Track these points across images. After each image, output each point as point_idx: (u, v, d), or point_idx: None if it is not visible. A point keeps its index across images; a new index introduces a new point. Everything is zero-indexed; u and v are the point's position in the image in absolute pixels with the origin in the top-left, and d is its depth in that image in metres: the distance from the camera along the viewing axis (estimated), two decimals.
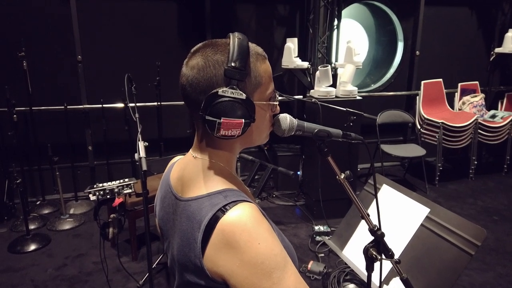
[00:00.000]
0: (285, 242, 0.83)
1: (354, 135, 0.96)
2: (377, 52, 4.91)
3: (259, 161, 2.45)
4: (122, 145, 3.84)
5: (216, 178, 0.82)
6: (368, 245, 1.02)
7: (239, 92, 0.76)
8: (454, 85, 4.70)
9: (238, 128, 0.77)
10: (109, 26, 3.76)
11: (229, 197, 0.76)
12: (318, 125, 0.92)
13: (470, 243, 1.14)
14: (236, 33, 0.80)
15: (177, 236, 0.82)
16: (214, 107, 0.74)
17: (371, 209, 1.00)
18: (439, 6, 4.58)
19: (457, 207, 3.83)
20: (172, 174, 0.92)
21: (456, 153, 4.83)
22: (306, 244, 3.16)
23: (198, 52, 0.80)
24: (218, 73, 0.76)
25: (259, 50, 0.83)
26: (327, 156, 0.93)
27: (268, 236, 0.71)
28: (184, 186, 0.85)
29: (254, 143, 0.88)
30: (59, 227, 3.38)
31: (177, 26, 3.95)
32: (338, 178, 0.97)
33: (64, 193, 3.58)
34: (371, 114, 3.36)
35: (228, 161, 0.86)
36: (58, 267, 2.85)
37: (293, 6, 4.19)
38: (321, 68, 3.28)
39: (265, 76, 0.83)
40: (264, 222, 0.73)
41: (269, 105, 0.85)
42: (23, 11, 3.51)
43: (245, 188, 0.88)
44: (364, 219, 1.00)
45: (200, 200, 0.78)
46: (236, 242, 0.69)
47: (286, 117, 0.88)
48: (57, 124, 3.73)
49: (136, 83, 2.41)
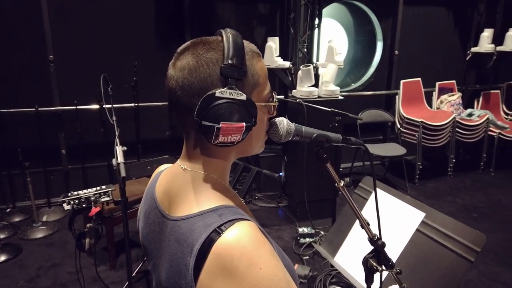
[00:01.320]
0: (286, 261, 0.76)
1: (354, 140, 0.90)
2: (356, 51, 4.92)
3: (242, 164, 2.38)
4: (98, 148, 3.68)
5: (208, 193, 0.73)
6: (367, 256, 0.97)
7: (239, 93, 0.68)
8: (432, 84, 4.76)
9: (238, 133, 0.69)
10: (82, 24, 3.59)
11: (225, 215, 0.67)
12: (317, 129, 0.85)
13: (470, 249, 1.10)
14: (228, 29, 0.72)
15: (165, 260, 0.73)
16: (211, 110, 0.66)
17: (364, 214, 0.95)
18: (417, 6, 4.62)
19: (437, 205, 3.87)
20: (158, 186, 0.82)
21: (434, 151, 4.89)
22: (290, 246, 3.11)
23: (187, 51, 0.71)
24: (213, 73, 0.68)
25: (253, 47, 0.75)
26: (327, 162, 0.87)
27: (270, 258, 0.63)
28: (172, 202, 0.76)
29: (252, 152, 0.80)
30: (31, 236, 3.21)
31: (155, 24, 3.82)
32: (337, 186, 0.90)
33: (36, 199, 3.40)
34: (352, 114, 3.34)
35: (222, 172, 0.77)
36: (31, 278, 2.69)
37: (274, 5, 4.13)
38: (303, 67, 3.23)
39: (262, 75, 0.75)
40: (266, 243, 0.65)
41: (267, 107, 0.77)
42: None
43: (240, 201, 0.79)
44: (364, 228, 0.94)
45: (192, 220, 0.69)
46: (235, 268, 0.61)
47: (283, 121, 0.81)
48: (28, 127, 3.54)
49: (112, 84, 2.30)
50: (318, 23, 3.73)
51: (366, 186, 1.47)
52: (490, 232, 3.35)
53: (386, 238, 1.34)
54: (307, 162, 2.98)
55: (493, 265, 2.89)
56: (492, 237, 3.28)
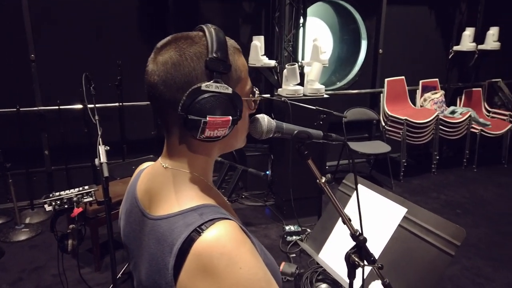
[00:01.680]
0: (269, 259, 0.75)
1: (335, 136, 0.91)
2: (341, 50, 4.96)
3: (228, 162, 2.37)
4: (82, 148, 3.63)
5: (190, 192, 0.72)
6: (349, 251, 0.97)
7: (225, 86, 0.67)
8: (416, 82, 4.82)
9: (224, 127, 0.68)
10: (64, 22, 3.53)
11: (206, 214, 0.66)
12: (298, 126, 0.86)
13: (450, 243, 1.12)
14: (209, 24, 0.72)
15: (145, 260, 0.72)
16: (197, 104, 0.65)
17: (347, 211, 0.96)
18: (400, 5, 4.68)
19: (422, 202, 3.93)
20: (139, 185, 0.81)
21: (419, 148, 4.96)
22: (277, 245, 3.12)
23: (169, 46, 0.70)
24: (197, 67, 0.67)
25: (234, 43, 0.75)
26: (308, 159, 0.87)
27: (250, 258, 0.63)
28: (152, 201, 0.75)
29: (235, 146, 0.79)
30: (14, 238, 3.15)
31: (138, 23, 3.78)
32: (319, 182, 0.91)
33: (19, 201, 3.34)
34: (337, 112, 3.36)
35: (205, 169, 0.76)
36: (13, 281, 2.64)
37: (259, 4, 4.13)
38: (288, 66, 3.24)
39: (244, 70, 0.75)
40: (247, 242, 0.65)
41: (248, 102, 0.77)
42: None
43: (223, 200, 0.79)
44: (346, 224, 0.95)
45: (172, 219, 0.68)
46: (214, 268, 0.60)
47: (264, 117, 0.81)
48: (10, 128, 3.46)
49: (96, 83, 2.26)
50: (303, 22, 3.74)
51: (349, 183, 1.49)
52: (473, 227, 3.42)
53: (369, 234, 1.36)
54: (293, 161, 2.99)
55: (475, 260, 2.94)
56: (475, 232, 3.35)
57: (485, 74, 5.16)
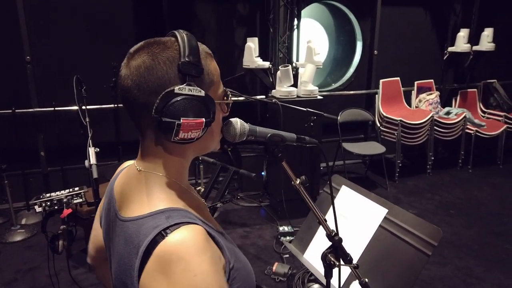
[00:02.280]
0: (241, 262, 0.77)
1: (308, 139, 0.93)
2: (337, 51, 4.98)
3: (220, 164, 2.40)
4: (77, 149, 3.64)
5: (160, 194, 0.73)
6: (326, 251, 0.99)
7: (197, 89, 0.69)
8: (411, 83, 4.84)
9: (198, 129, 0.70)
10: (60, 24, 3.56)
11: (172, 218, 0.68)
12: (272, 129, 0.88)
13: (427, 243, 1.14)
14: (180, 30, 0.74)
15: (115, 260, 0.74)
16: (170, 107, 0.67)
17: (331, 211, 0.98)
18: (395, 6, 4.70)
19: (417, 202, 3.95)
20: (116, 185, 0.83)
21: (414, 149, 4.98)
22: (271, 245, 3.14)
23: (141, 51, 0.72)
24: (170, 70, 0.69)
25: (206, 48, 0.77)
26: (282, 161, 0.89)
27: (208, 268, 0.63)
28: (124, 203, 0.77)
29: (209, 148, 0.81)
30: (9, 239, 3.17)
31: (133, 25, 3.81)
32: (294, 184, 0.93)
33: (15, 202, 3.37)
34: (332, 113, 3.38)
35: (179, 172, 0.78)
36: (8, 282, 2.66)
37: (253, 6, 4.15)
38: (281, 68, 3.27)
39: (216, 74, 0.77)
40: (207, 251, 0.65)
41: (221, 105, 0.79)
42: None
43: (197, 203, 0.80)
44: (321, 224, 0.97)
45: (140, 221, 0.70)
46: (171, 272, 0.61)
47: (237, 121, 0.83)
48: (5, 129, 3.49)
49: (91, 85, 2.29)
50: (297, 24, 3.77)
51: (334, 183, 1.51)
52: (466, 228, 3.43)
53: (351, 234, 1.38)
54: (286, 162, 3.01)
55: (467, 260, 2.96)
56: (468, 232, 3.36)
57: (480, 75, 5.18)
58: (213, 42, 4.10)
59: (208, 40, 4.08)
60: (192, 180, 4.17)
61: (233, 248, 0.78)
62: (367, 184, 4.38)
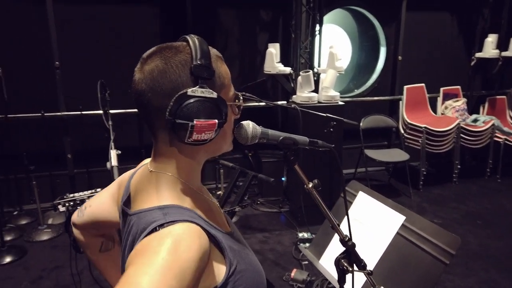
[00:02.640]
0: (246, 264, 0.77)
1: (321, 143, 0.92)
2: (360, 57, 4.93)
3: (239, 168, 2.41)
4: (102, 152, 3.75)
5: (167, 192, 0.75)
6: (339, 256, 0.98)
7: (209, 91, 0.71)
8: (436, 89, 4.74)
9: (211, 130, 0.71)
10: (88, 31, 3.69)
11: (170, 215, 0.69)
12: (284, 132, 0.88)
13: (445, 252, 1.11)
14: (192, 35, 0.76)
15: (121, 255, 0.78)
16: (184, 109, 0.69)
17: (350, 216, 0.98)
18: (420, 11, 4.62)
19: (441, 212, 3.84)
20: (133, 182, 0.85)
21: (440, 157, 4.85)
22: (290, 251, 3.12)
23: (154, 56, 0.75)
24: (182, 74, 0.71)
25: (216, 52, 0.79)
26: (294, 164, 0.89)
27: (166, 271, 0.59)
28: (135, 200, 0.79)
29: (221, 150, 0.82)
30: (36, 238, 3.28)
31: (158, 31, 3.90)
32: (306, 187, 0.93)
33: (43, 202, 3.48)
34: (355, 119, 3.34)
35: (190, 173, 0.79)
36: (34, 280, 2.75)
37: (276, 12, 4.18)
38: (302, 73, 3.27)
39: (227, 77, 0.79)
40: (190, 252, 0.63)
41: (232, 108, 0.80)
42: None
43: (208, 204, 0.82)
44: (334, 229, 0.96)
45: (141, 215, 0.72)
46: (147, 244, 0.64)
47: (249, 123, 0.84)
48: (35, 132, 3.63)
49: (116, 89, 2.35)
50: (319, 29, 3.76)
51: (352, 189, 1.49)
52: (493, 239, 3.31)
53: (368, 241, 1.36)
54: (305, 166, 3.00)
55: (493, 272, 2.85)
56: (495, 244, 3.24)
57: (510, 82, 5.01)
58: (235, 48, 4.15)
59: (230, 46, 4.13)
60: (212, 184, 4.21)
61: (239, 250, 0.78)
62: (390, 192, 4.29)
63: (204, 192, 0.85)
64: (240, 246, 0.80)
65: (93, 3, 3.66)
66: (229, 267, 0.72)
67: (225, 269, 0.72)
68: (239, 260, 0.75)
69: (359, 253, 0.97)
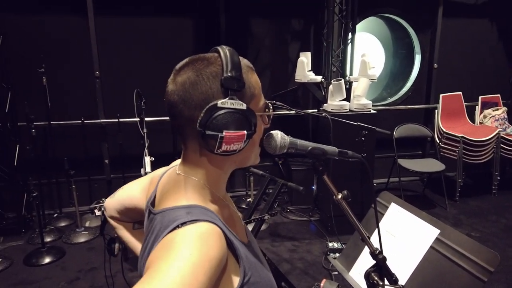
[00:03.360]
0: (260, 277, 0.77)
1: (351, 153, 0.92)
2: (394, 65, 4.84)
3: (269, 176, 2.42)
4: (137, 158, 3.87)
5: (190, 193, 0.77)
6: (369, 270, 0.97)
7: (239, 102, 0.72)
8: (475, 98, 4.57)
9: (240, 141, 0.73)
10: (126, 42, 3.84)
11: (192, 214, 0.70)
12: (313, 143, 0.89)
13: (483, 269, 1.06)
14: (223, 46, 0.78)
15: (142, 250, 0.80)
16: (214, 120, 0.71)
17: (381, 228, 0.95)
18: (457, 18, 4.49)
19: (479, 225, 3.68)
20: (161, 182, 0.88)
21: (478, 168, 4.65)
22: (319, 261, 3.09)
23: (187, 67, 0.77)
24: (213, 85, 0.73)
25: (247, 62, 0.80)
26: (323, 174, 0.90)
27: (191, 267, 0.60)
28: (161, 201, 0.82)
29: (249, 161, 0.83)
30: (74, 240, 3.41)
31: (192, 42, 4.00)
32: (335, 198, 0.93)
33: (81, 206, 3.63)
34: (387, 128, 3.28)
35: (216, 182, 0.81)
36: (71, 280, 2.86)
37: (307, 21, 4.19)
38: (334, 82, 3.25)
39: (257, 87, 0.80)
40: (211, 250, 0.64)
41: (262, 117, 0.81)
42: (43, 29, 3.63)
43: (230, 213, 0.83)
44: (364, 241, 0.95)
45: (164, 213, 0.74)
46: (170, 241, 0.65)
47: (278, 133, 0.85)
48: (75, 138, 3.80)
49: (152, 98, 2.42)
50: (351, 38, 3.73)
51: (383, 200, 1.46)
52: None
53: (399, 254, 1.33)
54: (336, 176, 2.97)
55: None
56: None
57: None
58: (267, 57, 4.18)
59: (262, 55, 4.18)
60: (242, 191, 4.24)
61: (255, 262, 0.78)
62: (424, 203, 4.16)
63: (228, 201, 0.87)
64: (256, 259, 0.80)
65: (131, 16, 3.81)
66: (243, 277, 0.72)
67: (239, 278, 0.72)
68: (253, 272, 0.75)
69: (391, 267, 0.96)
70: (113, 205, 1.06)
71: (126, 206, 1.02)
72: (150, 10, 3.84)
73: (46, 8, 3.59)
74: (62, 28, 3.67)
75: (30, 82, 3.57)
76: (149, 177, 0.98)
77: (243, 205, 4.04)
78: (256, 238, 2.27)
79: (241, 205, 4.04)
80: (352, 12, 3.70)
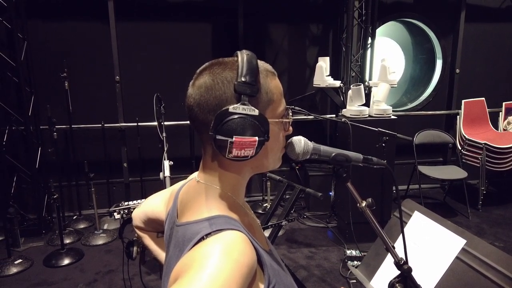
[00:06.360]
0: (283, 285, 0.76)
1: (376, 160, 0.90)
2: (414, 70, 4.77)
3: (287, 181, 2.40)
4: (155, 162, 3.90)
5: (212, 204, 0.76)
6: (393, 280, 0.94)
7: (251, 108, 0.71)
8: (498, 104, 4.45)
9: (251, 147, 0.71)
10: (146, 48, 3.89)
11: (215, 225, 0.70)
12: (337, 149, 0.87)
13: (511, 281, 1.02)
14: (244, 50, 0.77)
15: (166, 263, 0.79)
16: (224, 125, 0.70)
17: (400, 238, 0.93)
18: (480, 22, 4.39)
19: (503, 235, 3.57)
20: (181, 193, 0.88)
21: (502, 176, 4.52)
22: (337, 269, 3.04)
23: (205, 71, 0.77)
24: (227, 90, 0.72)
25: (268, 67, 0.79)
26: (346, 181, 0.87)
27: (223, 276, 0.60)
28: (182, 212, 0.81)
29: (267, 167, 0.82)
30: (93, 242, 3.45)
31: (211, 46, 4.03)
32: (359, 206, 0.90)
33: (100, 208, 3.67)
34: (407, 134, 3.22)
35: (235, 187, 0.80)
36: (89, 282, 2.89)
37: (326, 25, 4.16)
38: (353, 87, 3.21)
39: (277, 93, 0.78)
40: (241, 259, 0.63)
41: (282, 123, 0.80)
42: (66, 34, 3.71)
43: (250, 221, 0.82)
44: (389, 251, 0.92)
45: (188, 226, 0.74)
46: (195, 255, 0.64)
47: (301, 139, 0.84)
48: (95, 142, 3.86)
49: (171, 103, 2.44)
50: (371, 43, 3.69)
51: (406, 209, 1.42)
52: None
53: (423, 265, 1.29)
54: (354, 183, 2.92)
55: None
56: None
57: None
58: (285, 62, 4.18)
59: (280, 60, 4.17)
60: (259, 196, 4.22)
61: (278, 269, 0.77)
62: (445, 211, 4.06)
63: (247, 208, 0.86)
64: (278, 266, 0.79)
65: (150, 21, 3.87)
66: (267, 284, 0.71)
67: (264, 286, 0.71)
68: (277, 280, 0.74)
69: (415, 277, 0.92)
70: (139, 215, 1.08)
71: (150, 217, 1.04)
72: (170, 15, 3.89)
73: (69, 15, 3.68)
74: (84, 34, 3.74)
75: (53, 87, 3.65)
76: (169, 190, 0.99)
77: (259, 210, 4.02)
78: (273, 244, 2.25)
79: (257, 210, 4.02)
80: (372, 17, 3.66)
